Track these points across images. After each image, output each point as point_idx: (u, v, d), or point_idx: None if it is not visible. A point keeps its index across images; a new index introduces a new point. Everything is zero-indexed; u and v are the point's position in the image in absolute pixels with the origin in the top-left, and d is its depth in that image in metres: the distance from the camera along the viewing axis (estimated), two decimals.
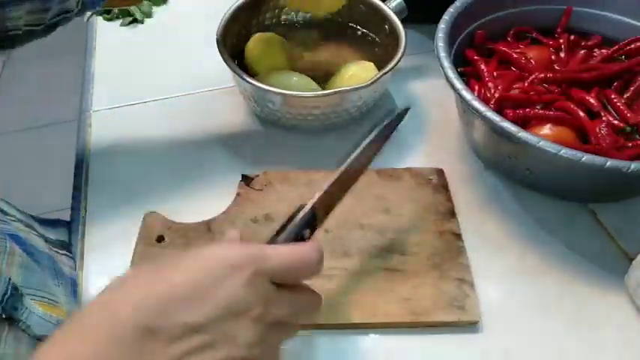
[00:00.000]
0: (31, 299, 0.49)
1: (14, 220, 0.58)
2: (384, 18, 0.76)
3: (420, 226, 0.61)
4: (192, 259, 0.39)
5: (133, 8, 0.90)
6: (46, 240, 0.60)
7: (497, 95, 0.63)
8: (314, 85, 0.70)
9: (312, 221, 0.45)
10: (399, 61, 0.69)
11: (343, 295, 0.55)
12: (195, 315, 0.37)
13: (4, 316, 0.45)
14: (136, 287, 0.38)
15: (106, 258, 0.60)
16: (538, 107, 0.63)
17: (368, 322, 0.54)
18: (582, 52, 0.70)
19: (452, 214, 0.62)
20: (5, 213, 0.57)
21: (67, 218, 0.67)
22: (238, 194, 0.64)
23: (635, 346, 0.54)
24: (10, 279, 0.47)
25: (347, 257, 0.58)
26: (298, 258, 0.41)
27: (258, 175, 0.65)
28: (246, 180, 0.65)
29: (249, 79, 0.66)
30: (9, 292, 0.46)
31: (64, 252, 0.61)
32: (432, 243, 0.59)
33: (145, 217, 0.61)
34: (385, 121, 0.50)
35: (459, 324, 0.54)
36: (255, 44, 0.74)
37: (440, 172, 0.66)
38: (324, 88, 0.70)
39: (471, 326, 0.54)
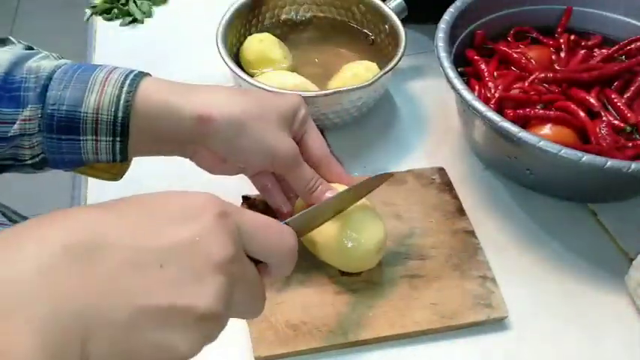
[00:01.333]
0: None
1: None
2: (384, 18, 0.76)
3: (432, 228, 0.60)
4: (146, 199, 0.33)
5: (132, 8, 0.90)
6: None
7: (497, 95, 0.63)
8: (313, 85, 0.70)
9: None
10: (399, 61, 0.69)
11: (369, 308, 0.54)
12: (150, 241, 0.30)
13: None
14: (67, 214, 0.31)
15: None
16: (538, 107, 0.63)
17: (398, 334, 0.53)
18: (582, 52, 0.70)
19: (461, 211, 0.62)
20: (9, 219, 0.56)
21: None
22: None
23: (635, 346, 0.54)
24: None
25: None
26: (273, 228, 0.37)
27: (259, 195, 0.62)
28: (248, 201, 0.62)
29: (249, 80, 0.66)
30: None
31: None
32: (447, 244, 0.59)
33: None
34: (372, 177, 0.54)
35: (488, 322, 0.54)
36: (250, 46, 0.74)
37: (442, 171, 0.66)
38: (324, 88, 0.70)
39: (499, 322, 0.54)
